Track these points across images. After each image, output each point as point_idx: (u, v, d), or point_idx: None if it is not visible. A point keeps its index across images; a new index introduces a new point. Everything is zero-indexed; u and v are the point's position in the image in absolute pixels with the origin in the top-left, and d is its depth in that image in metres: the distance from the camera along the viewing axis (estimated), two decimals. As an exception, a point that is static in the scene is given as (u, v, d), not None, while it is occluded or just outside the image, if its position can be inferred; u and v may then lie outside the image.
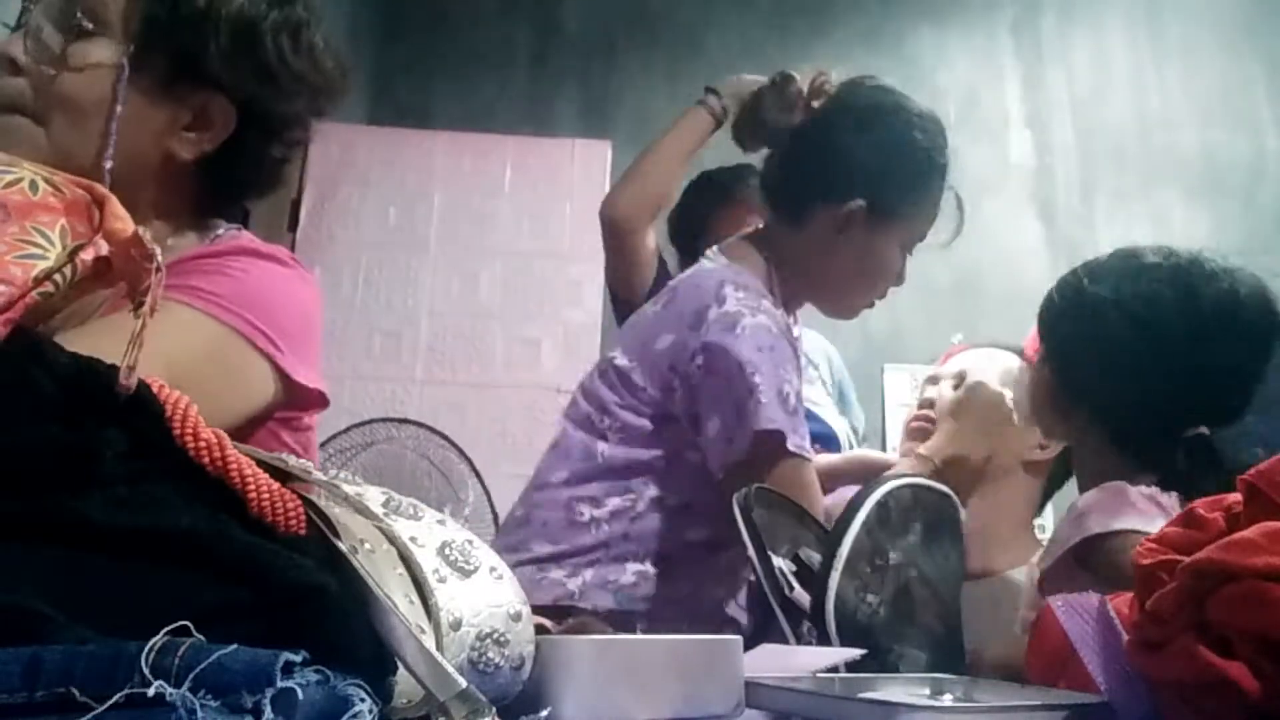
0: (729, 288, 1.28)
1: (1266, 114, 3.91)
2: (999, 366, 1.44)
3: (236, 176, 0.98)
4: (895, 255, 1.37)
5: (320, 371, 0.96)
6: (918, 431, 1.43)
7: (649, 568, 1.24)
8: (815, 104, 1.37)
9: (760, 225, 1.45)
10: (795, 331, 1.39)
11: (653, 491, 1.26)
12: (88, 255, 0.44)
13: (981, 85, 4.01)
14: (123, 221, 0.45)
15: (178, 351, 0.78)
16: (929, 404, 1.45)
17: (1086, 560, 1.02)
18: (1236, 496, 0.48)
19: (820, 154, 1.34)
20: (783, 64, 1.45)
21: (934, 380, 1.50)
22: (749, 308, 1.25)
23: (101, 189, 0.46)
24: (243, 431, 0.85)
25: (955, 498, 1.03)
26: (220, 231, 0.97)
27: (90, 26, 0.86)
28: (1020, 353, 1.47)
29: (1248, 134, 3.89)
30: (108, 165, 0.86)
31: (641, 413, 1.27)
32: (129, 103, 0.87)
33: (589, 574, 1.22)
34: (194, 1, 0.88)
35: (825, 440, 1.84)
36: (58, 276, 0.43)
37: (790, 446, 1.19)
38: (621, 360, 1.32)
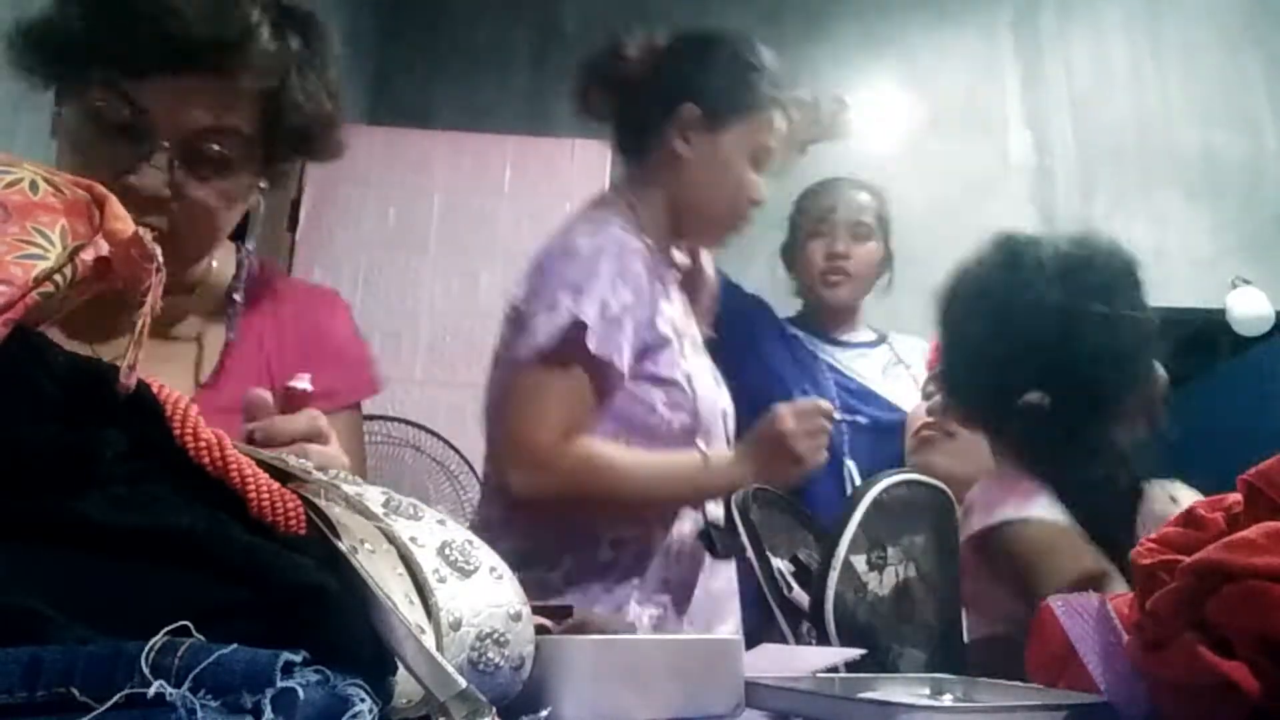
0: (574, 222, 1.36)
1: (1266, 114, 3.90)
2: None
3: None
4: (742, 161, 1.41)
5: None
6: (928, 441, 1.42)
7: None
8: (644, 52, 1.46)
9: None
10: (679, 258, 1.46)
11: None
12: (88, 255, 0.44)
13: (981, 85, 4.01)
14: (123, 221, 0.45)
15: (357, 452, 0.98)
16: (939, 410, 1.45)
17: (984, 553, 1.03)
18: (1237, 496, 0.48)
19: (646, 85, 1.43)
20: (782, 64, 1.47)
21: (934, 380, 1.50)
22: (586, 233, 1.32)
23: (101, 189, 0.46)
24: None
25: (950, 492, 1.02)
26: (248, 251, 1.05)
27: (226, 157, 0.90)
28: None
29: (1248, 134, 3.89)
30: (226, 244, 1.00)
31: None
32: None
33: (568, 561, 1.26)
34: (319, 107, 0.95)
35: (890, 419, 1.89)
36: (58, 277, 0.43)
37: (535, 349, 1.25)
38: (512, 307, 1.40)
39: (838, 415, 1.89)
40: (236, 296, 0.99)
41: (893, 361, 2.06)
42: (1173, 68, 3.99)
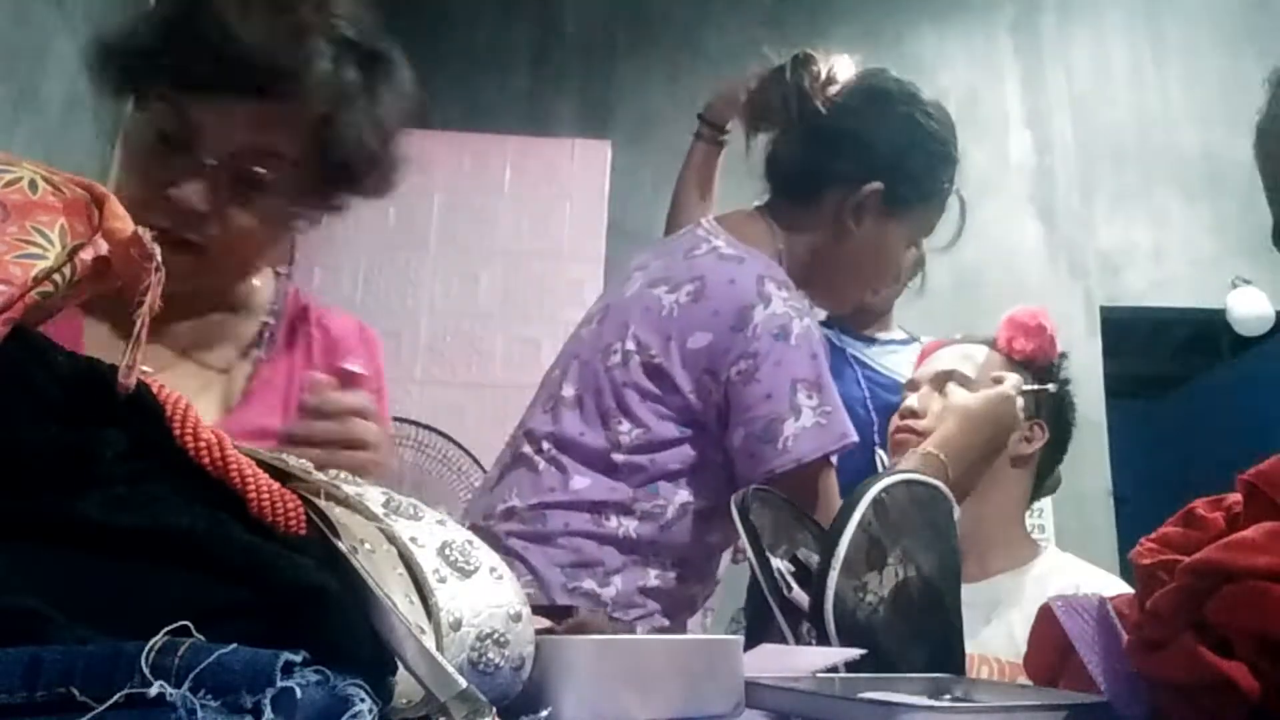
0: (770, 285, 1.23)
1: (1266, 114, 3.90)
2: (977, 362, 1.43)
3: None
4: (902, 246, 1.38)
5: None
6: (903, 444, 1.41)
7: (669, 572, 1.22)
8: (830, 90, 1.35)
9: (758, 203, 1.41)
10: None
11: (682, 497, 1.22)
12: (87, 255, 0.44)
13: (981, 85, 4.01)
14: (122, 221, 0.45)
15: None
16: (911, 413, 1.43)
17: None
18: (1237, 496, 0.48)
19: (838, 137, 1.32)
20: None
21: (913, 385, 1.48)
22: (795, 310, 1.21)
23: (101, 188, 0.46)
24: None
25: (950, 493, 1.02)
26: (282, 273, 1.09)
27: (268, 180, 0.90)
28: (991, 344, 1.47)
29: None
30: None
31: (667, 414, 1.22)
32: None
33: (619, 580, 1.20)
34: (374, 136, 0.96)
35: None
36: (57, 276, 0.43)
37: (831, 459, 1.19)
38: (642, 354, 1.25)
39: (869, 407, 1.85)
40: (270, 320, 1.02)
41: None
42: (1173, 68, 4.00)
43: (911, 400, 1.44)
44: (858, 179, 1.30)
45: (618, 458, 1.22)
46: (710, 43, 3.90)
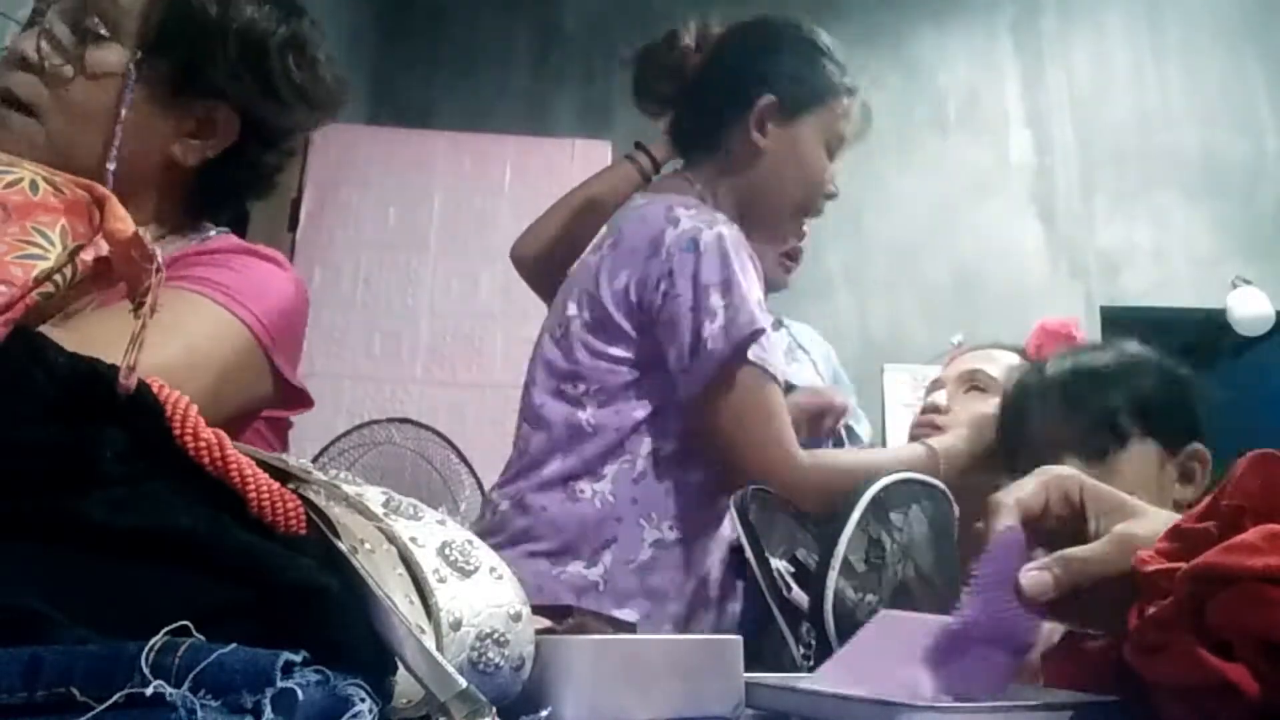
0: (679, 209, 1.26)
1: (1266, 114, 3.91)
2: (1002, 366, 1.44)
3: (234, 182, 1.01)
4: (817, 152, 1.38)
5: (300, 373, 0.97)
6: (921, 440, 1.42)
7: (666, 533, 1.21)
8: (704, 46, 1.42)
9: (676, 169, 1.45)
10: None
11: (647, 445, 1.22)
12: (88, 255, 0.44)
13: (981, 85, 4.01)
14: (123, 222, 0.45)
15: (198, 338, 0.81)
16: (934, 408, 1.44)
17: None
18: (1216, 498, 0.48)
19: (722, 73, 1.39)
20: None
21: (939, 384, 1.50)
22: (704, 222, 1.24)
23: (102, 189, 0.46)
24: (232, 426, 0.86)
25: (949, 492, 1.02)
26: (211, 234, 0.98)
27: (103, 32, 0.88)
28: (1021, 352, 1.47)
29: (1248, 134, 3.89)
30: (110, 168, 0.88)
31: (617, 364, 1.24)
32: (135, 108, 0.89)
33: (608, 558, 1.19)
34: (206, 12, 0.90)
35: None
36: (58, 277, 0.43)
37: (751, 358, 1.19)
38: (580, 316, 1.28)
39: None
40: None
41: (792, 346, 2.00)
42: (1173, 68, 4.00)
43: (936, 396, 1.46)
44: (750, 99, 1.35)
45: (582, 416, 1.24)
46: (710, 43, 3.90)
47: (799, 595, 0.85)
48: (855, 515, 0.87)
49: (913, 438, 1.45)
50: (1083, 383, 1.14)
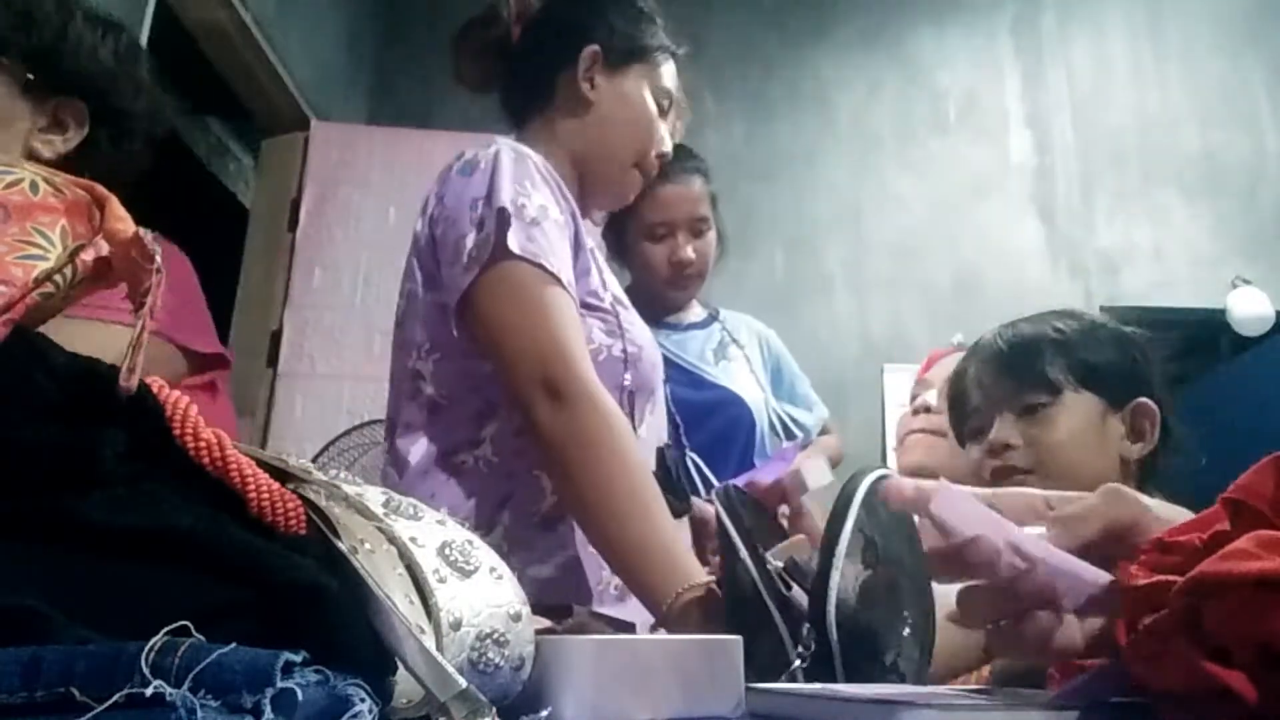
0: (469, 151, 1.26)
1: (1266, 114, 3.91)
2: None
3: (93, 175, 1.06)
4: (646, 102, 1.36)
5: (214, 334, 1.07)
6: (916, 443, 1.41)
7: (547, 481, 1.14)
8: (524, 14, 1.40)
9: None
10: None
11: (496, 391, 1.16)
12: (88, 256, 0.44)
13: (981, 85, 4.01)
14: (123, 222, 0.45)
15: (112, 355, 0.84)
16: (925, 409, 1.43)
17: None
18: (1207, 516, 0.48)
19: (542, 33, 1.38)
20: (783, 64, 1.46)
21: (926, 384, 1.48)
22: (484, 145, 1.23)
23: (102, 190, 0.47)
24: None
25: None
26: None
27: None
28: None
29: (1248, 134, 3.89)
30: None
31: (444, 319, 1.17)
32: None
33: (506, 517, 1.13)
34: (43, 8, 0.97)
35: (726, 405, 1.80)
36: (58, 277, 0.43)
37: (516, 250, 1.10)
38: (413, 275, 1.27)
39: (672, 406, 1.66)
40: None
41: (725, 341, 1.94)
42: (1173, 68, 4.00)
43: (927, 397, 1.45)
44: (575, 51, 1.34)
45: (430, 391, 1.19)
46: (711, 43, 3.90)
47: (798, 594, 0.84)
48: (852, 515, 0.86)
49: (901, 439, 1.44)
50: (1017, 343, 1.15)
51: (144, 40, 2.41)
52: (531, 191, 1.17)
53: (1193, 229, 3.85)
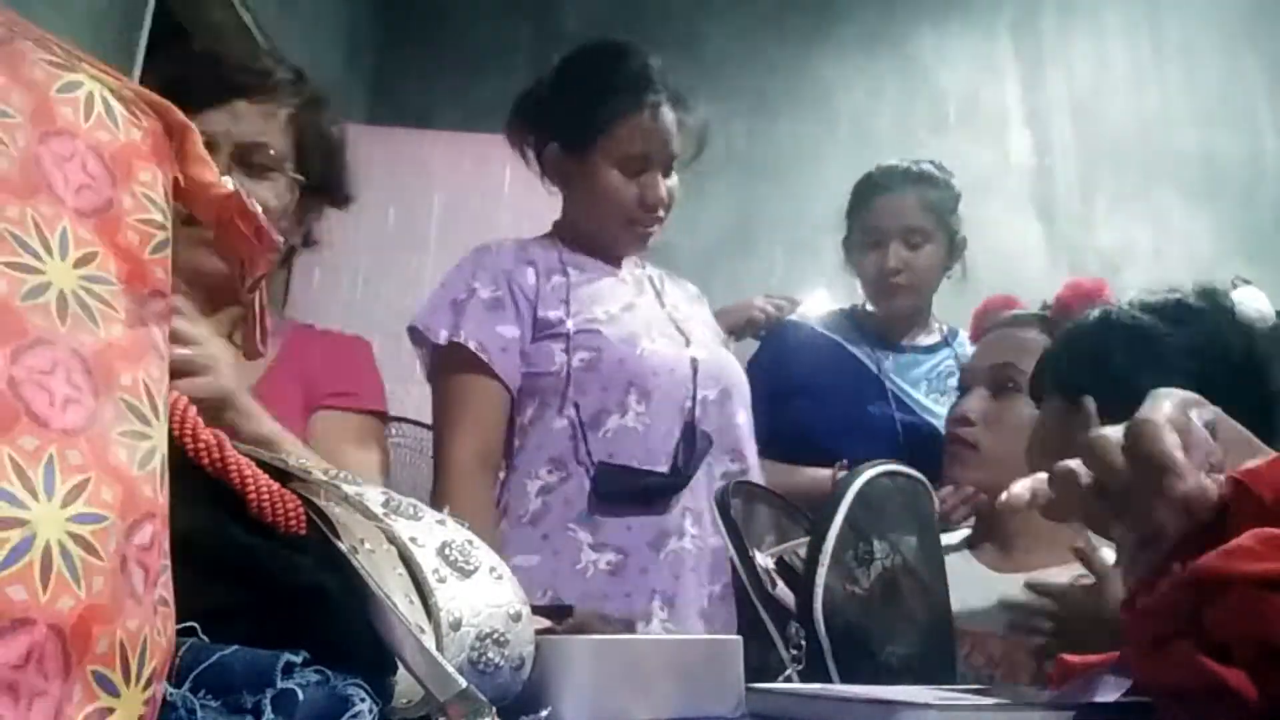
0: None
1: (1266, 114, 3.90)
2: (1033, 356, 1.39)
3: None
4: (612, 176, 1.51)
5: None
6: (955, 456, 1.41)
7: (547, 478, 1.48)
8: None
9: None
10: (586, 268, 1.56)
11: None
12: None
13: (981, 85, 4.01)
14: (207, 167, 0.38)
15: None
16: (963, 419, 1.41)
17: None
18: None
19: (518, 139, 1.64)
20: (783, 64, 1.48)
21: (967, 380, 1.47)
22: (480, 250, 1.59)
23: (176, 112, 0.37)
24: None
25: (927, 482, 1.01)
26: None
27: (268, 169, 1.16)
28: (1043, 318, 1.47)
29: (1248, 134, 3.89)
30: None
31: None
32: None
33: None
34: (328, 141, 1.29)
35: (917, 429, 1.80)
36: (169, 247, 0.35)
37: (439, 340, 1.55)
38: None
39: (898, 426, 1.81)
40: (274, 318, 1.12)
41: (951, 369, 1.90)
42: (1173, 68, 4.00)
43: (966, 403, 1.43)
44: (542, 146, 1.58)
45: None
46: (711, 43, 3.90)
47: (784, 591, 0.83)
48: (842, 510, 0.86)
49: (948, 454, 1.43)
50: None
51: (144, 40, 2.41)
52: (484, 288, 1.59)
53: (1192, 229, 3.85)
